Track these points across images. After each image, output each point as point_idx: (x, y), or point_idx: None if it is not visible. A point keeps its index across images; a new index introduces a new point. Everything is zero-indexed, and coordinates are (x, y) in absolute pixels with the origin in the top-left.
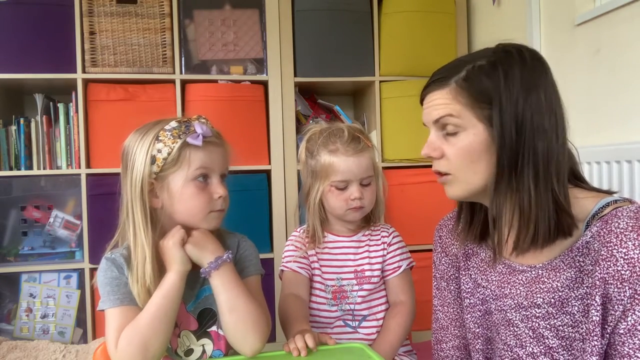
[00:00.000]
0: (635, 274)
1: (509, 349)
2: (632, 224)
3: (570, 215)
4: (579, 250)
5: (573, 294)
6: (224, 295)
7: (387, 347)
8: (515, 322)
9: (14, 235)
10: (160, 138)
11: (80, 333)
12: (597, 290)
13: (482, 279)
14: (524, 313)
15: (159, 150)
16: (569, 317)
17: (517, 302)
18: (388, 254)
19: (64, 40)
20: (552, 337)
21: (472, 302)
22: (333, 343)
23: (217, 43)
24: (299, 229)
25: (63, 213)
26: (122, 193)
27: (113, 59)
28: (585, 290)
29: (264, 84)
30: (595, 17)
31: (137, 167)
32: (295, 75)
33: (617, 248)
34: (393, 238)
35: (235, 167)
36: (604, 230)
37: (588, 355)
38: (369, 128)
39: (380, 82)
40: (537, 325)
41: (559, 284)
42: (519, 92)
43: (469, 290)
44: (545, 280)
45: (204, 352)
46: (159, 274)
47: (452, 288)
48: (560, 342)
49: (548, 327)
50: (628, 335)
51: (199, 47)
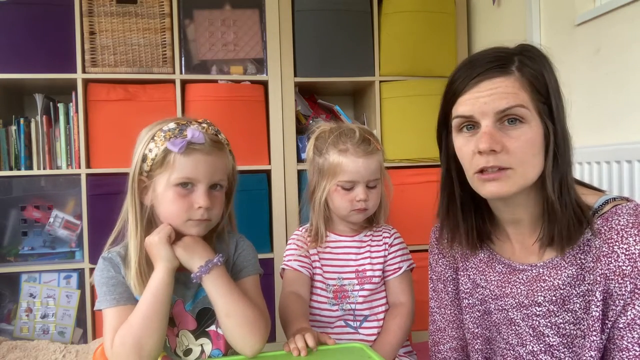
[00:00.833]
0: (637, 269)
1: (511, 348)
2: (632, 221)
3: (586, 209)
4: (580, 248)
5: (574, 292)
6: (219, 301)
7: (387, 348)
8: (517, 321)
9: (14, 235)
10: (155, 138)
11: (80, 333)
12: (598, 287)
13: (481, 279)
14: (525, 312)
15: (150, 150)
16: (571, 314)
17: (518, 301)
18: (389, 255)
19: (64, 40)
20: (552, 335)
21: (471, 302)
22: (332, 343)
23: (217, 43)
24: (301, 228)
25: (63, 213)
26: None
27: (113, 59)
28: (587, 287)
29: (264, 84)
30: (595, 17)
31: (133, 162)
32: (295, 75)
33: (618, 244)
34: (394, 239)
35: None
36: (605, 228)
37: (587, 350)
38: (369, 128)
39: (380, 82)
40: (537, 324)
41: (560, 282)
42: (559, 89)
43: (468, 291)
44: (547, 279)
45: (203, 351)
46: (150, 271)
47: (449, 290)
48: (561, 339)
49: (549, 325)
50: (627, 329)
51: (199, 47)
